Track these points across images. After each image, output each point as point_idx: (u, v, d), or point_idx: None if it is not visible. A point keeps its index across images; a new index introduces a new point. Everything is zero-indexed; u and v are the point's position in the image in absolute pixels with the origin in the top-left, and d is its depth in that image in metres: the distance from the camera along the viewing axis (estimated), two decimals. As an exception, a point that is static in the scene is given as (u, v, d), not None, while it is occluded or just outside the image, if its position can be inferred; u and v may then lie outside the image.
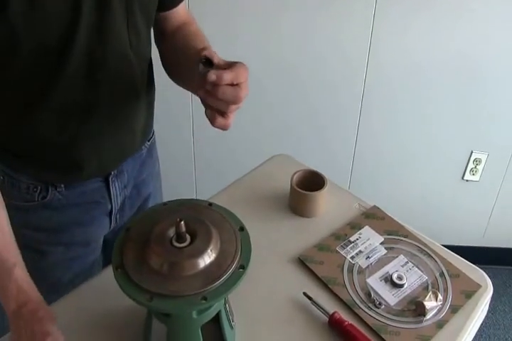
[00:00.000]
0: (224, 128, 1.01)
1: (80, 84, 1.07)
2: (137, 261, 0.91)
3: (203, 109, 1.00)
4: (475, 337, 1.19)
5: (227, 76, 0.95)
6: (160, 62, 1.31)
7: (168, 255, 0.90)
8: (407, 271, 1.24)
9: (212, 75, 0.94)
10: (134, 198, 1.40)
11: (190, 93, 1.22)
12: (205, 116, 1.01)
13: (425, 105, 2.33)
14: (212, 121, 1.00)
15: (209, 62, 0.98)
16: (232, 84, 0.96)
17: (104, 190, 1.31)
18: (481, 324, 1.21)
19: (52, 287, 1.28)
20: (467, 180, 2.54)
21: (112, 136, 1.21)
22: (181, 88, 1.26)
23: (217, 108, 0.99)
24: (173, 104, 2.12)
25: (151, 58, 1.27)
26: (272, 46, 2.19)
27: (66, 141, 1.15)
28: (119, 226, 1.41)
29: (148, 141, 1.39)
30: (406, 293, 1.20)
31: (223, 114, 0.99)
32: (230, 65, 0.98)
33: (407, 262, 1.26)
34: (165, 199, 1.06)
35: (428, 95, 2.30)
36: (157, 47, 1.32)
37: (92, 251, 1.38)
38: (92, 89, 1.10)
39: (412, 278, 1.22)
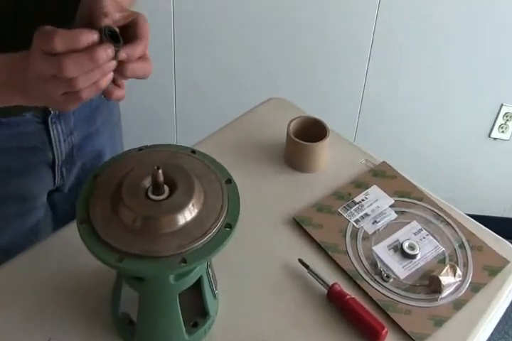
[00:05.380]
0: (121, 99, 0.99)
1: None
2: (106, 215, 0.92)
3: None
4: (499, 322, 1.18)
5: (139, 49, 0.93)
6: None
7: (142, 209, 0.90)
8: (421, 239, 1.25)
9: (122, 54, 0.90)
10: (85, 149, 1.39)
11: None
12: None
13: (447, 50, 2.31)
14: (109, 95, 0.97)
15: (113, 36, 0.92)
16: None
17: (44, 133, 1.28)
18: (508, 307, 1.20)
19: None
20: (495, 138, 2.54)
21: None
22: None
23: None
24: (152, 41, 2.11)
25: None
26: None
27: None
28: (68, 183, 1.40)
29: None
30: (419, 266, 1.21)
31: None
32: (127, 18, 0.95)
33: (420, 229, 1.27)
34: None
35: (451, 39, 2.28)
36: None
37: (30, 209, 1.36)
38: None
39: (426, 249, 1.24)
